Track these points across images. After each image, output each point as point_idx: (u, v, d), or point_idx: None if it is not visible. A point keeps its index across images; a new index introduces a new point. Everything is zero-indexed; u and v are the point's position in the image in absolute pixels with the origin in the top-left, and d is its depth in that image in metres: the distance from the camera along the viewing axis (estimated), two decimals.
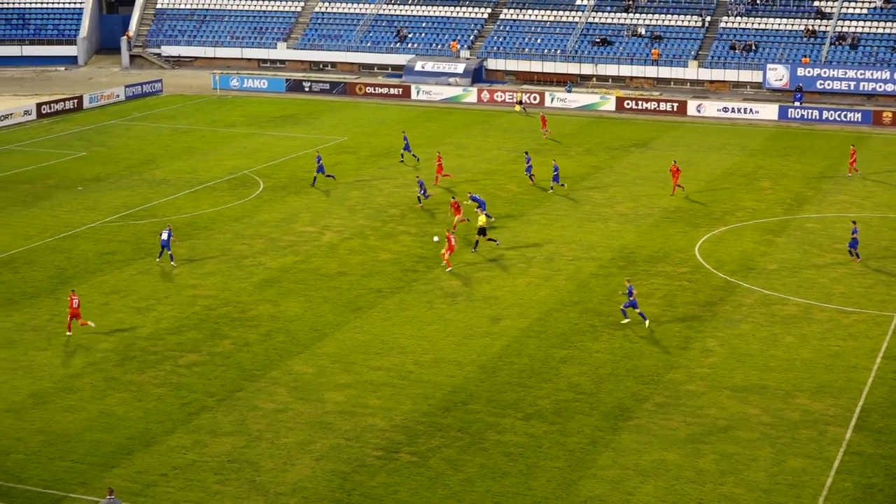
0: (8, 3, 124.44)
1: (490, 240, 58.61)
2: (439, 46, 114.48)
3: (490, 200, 67.60)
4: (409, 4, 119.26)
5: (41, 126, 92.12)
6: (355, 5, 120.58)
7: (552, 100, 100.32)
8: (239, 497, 35.36)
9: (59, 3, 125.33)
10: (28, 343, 47.14)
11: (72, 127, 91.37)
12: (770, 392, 42.61)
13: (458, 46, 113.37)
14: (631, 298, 48.72)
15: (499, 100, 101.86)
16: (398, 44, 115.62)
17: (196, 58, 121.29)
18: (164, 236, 56.33)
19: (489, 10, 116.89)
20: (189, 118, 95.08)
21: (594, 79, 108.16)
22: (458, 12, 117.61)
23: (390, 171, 75.72)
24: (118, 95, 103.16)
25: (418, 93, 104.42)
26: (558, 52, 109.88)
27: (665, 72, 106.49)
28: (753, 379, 43.74)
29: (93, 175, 75.00)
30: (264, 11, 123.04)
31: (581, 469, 37.04)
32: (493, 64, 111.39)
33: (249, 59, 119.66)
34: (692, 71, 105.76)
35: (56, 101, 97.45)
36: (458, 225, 61.41)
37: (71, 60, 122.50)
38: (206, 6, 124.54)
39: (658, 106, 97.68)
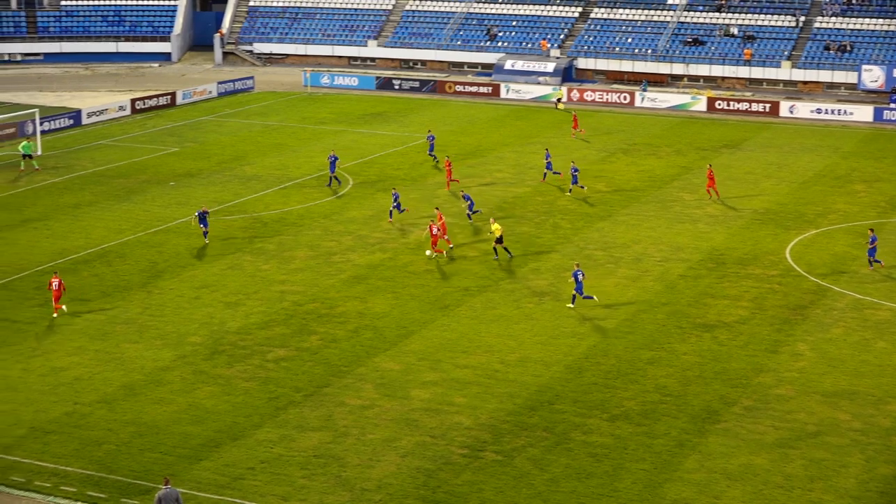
0: (105, 1, 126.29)
1: (505, 249, 57.69)
2: (529, 45, 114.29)
3: (578, 200, 67.44)
4: (500, 3, 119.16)
5: (135, 121, 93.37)
6: (446, 3, 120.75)
7: (642, 100, 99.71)
8: (324, 492, 35.58)
9: (154, 0, 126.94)
10: (120, 335, 47.81)
11: (165, 123, 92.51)
12: (861, 398, 42.00)
13: (549, 45, 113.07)
14: (579, 281, 50.08)
15: (588, 99, 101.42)
16: (488, 42, 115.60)
17: (287, 55, 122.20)
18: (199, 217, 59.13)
19: (580, 9, 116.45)
20: (280, 115, 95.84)
21: (685, 79, 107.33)
22: (548, 11, 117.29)
23: (478, 169, 75.73)
24: (210, 92, 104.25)
25: (508, 91, 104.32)
26: (649, 51, 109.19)
27: (757, 72, 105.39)
28: (844, 384, 43.14)
29: (185, 170, 75.89)
30: (355, 9, 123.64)
31: (667, 472, 36.78)
32: (583, 63, 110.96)
33: (340, 57, 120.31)
34: (785, 71, 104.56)
35: (150, 97, 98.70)
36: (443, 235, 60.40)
37: (165, 57, 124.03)
38: (298, 4, 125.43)
39: (750, 107, 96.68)
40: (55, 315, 49.94)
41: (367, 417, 40.44)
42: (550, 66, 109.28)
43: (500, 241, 57.19)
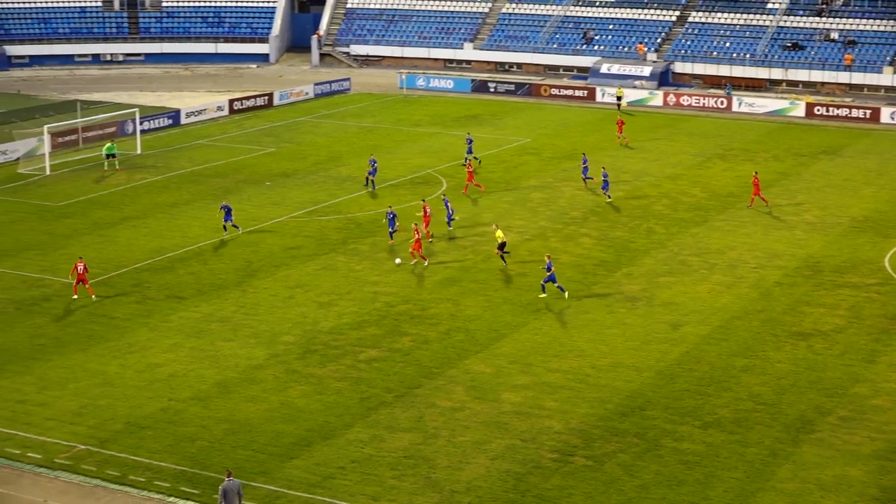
0: (204, 2, 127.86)
1: (502, 255, 56.95)
2: (626, 49, 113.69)
3: (672, 205, 67.01)
4: (597, 6, 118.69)
5: (233, 122, 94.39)
6: (542, 6, 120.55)
7: (739, 104, 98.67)
8: (414, 493, 35.68)
9: (253, 1, 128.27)
10: (215, 333, 48.35)
11: (262, 123, 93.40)
12: None
13: (645, 49, 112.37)
14: (549, 273, 51.33)
15: (685, 104, 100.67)
16: (584, 46, 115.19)
17: (384, 57, 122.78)
18: (224, 212, 60.85)
19: (677, 13, 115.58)
20: (375, 117, 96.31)
21: (784, 84, 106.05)
22: (646, 14, 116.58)
23: (573, 173, 75.46)
24: (307, 93, 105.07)
25: (603, 95, 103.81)
26: (747, 55, 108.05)
27: (858, 78, 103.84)
28: None
29: (280, 171, 76.54)
30: (452, 12, 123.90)
31: (760, 481, 36.36)
32: (680, 67, 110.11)
33: (436, 59, 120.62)
34: (887, 77, 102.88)
35: (247, 98, 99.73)
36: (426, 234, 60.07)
37: (263, 58, 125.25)
38: (394, 6, 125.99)
39: (850, 112, 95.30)
40: (75, 297, 51.85)
41: (457, 419, 40.49)
42: (647, 70, 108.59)
43: (501, 247, 56.74)
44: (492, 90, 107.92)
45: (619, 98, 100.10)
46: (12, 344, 47.04)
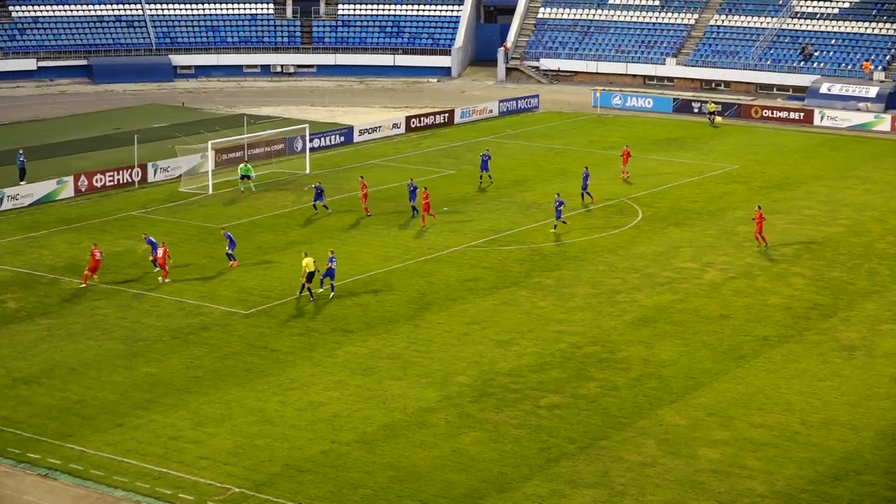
0: (383, 11, 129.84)
1: (309, 289, 56.64)
2: (849, 67, 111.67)
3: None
4: (817, 18, 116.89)
5: (409, 140, 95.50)
6: (755, 18, 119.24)
7: None
8: None
9: (436, 10, 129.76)
10: (383, 371, 48.81)
11: (441, 143, 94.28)
12: None
13: (872, 67, 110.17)
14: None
15: None
16: (802, 63, 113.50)
17: (576, 72, 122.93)
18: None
19: None
20: (565, 138, 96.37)
21: None
22: (873, 28, 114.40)
23: (784, 204, 74.31)
24: (491, 111, 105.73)
25: (822, 118, 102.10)
26: None
27: None
28: None
29: (460, 195, 77.06)
30: (653, 24, 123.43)
31: None
32: None
33: (634, 76, 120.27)
34: None
35: (426, 115, 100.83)
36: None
37: (444, 72, 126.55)
38: (590, 17, 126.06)
39: None
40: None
41: (647, 476, 40.09)
42: (873, 91, 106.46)
43: (309, 278, 56.44)
44: (696, 111, 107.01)
45: (711, 113, 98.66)
46: (167, 375, 48.25)
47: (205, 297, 57.37)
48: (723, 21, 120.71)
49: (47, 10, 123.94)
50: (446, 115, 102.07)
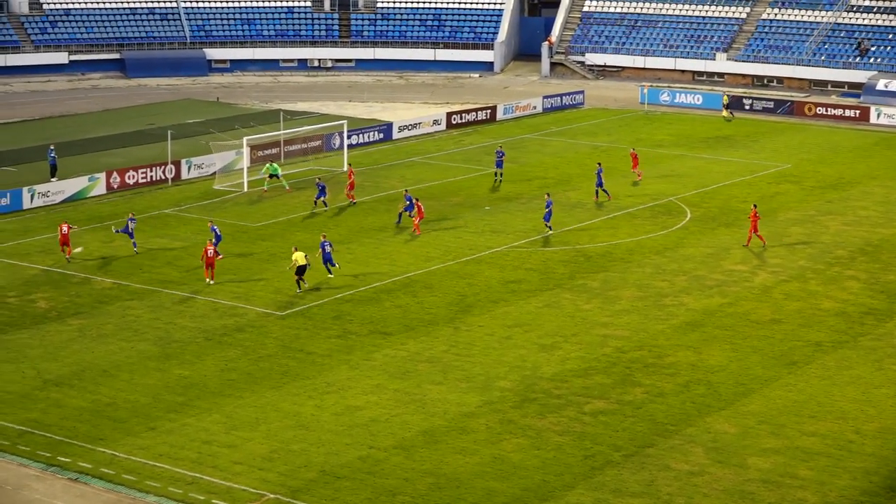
0: (423, 3, 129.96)
1: (299, 280, 57.94)
2: None
3: None
4: (874, 12, 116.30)
5: (450, 137, 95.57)
6: (809, 12, 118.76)
7: None
8: None
9: (478, 3, 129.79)
10: (422, 375, 48.87)
11: (482, 140, 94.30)
12: None
13: None
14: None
15: None
16: (858, 58, 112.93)
17: (623, 67, 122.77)
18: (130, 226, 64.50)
19: None
20: (611, 135, 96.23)
21: None
22: None
23: (838, 205, 74.01)
24: (535, 107, 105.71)
25: (879, 116, 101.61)
26: None
27: None
28: None
29: (502, 194, 77.10)
30: (703, 18, 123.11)
31: None
32: None
33: (683, 71, 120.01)
34: None
35: (467, 111, 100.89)
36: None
37: (486, 67, 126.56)
38: (637, 10, 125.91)
39: None
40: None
41: (695, 486, 40.01)
42: None
43: (300, 272, 57.69)
44: (747, 108, 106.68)
45: (726, 106, 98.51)
46: (201, 378, 48.46)
47: (239, 298, 57.60)
48: (775, 15, 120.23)
49: (79, 3, 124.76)
50: (488, 111, 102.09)
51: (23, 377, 48.20)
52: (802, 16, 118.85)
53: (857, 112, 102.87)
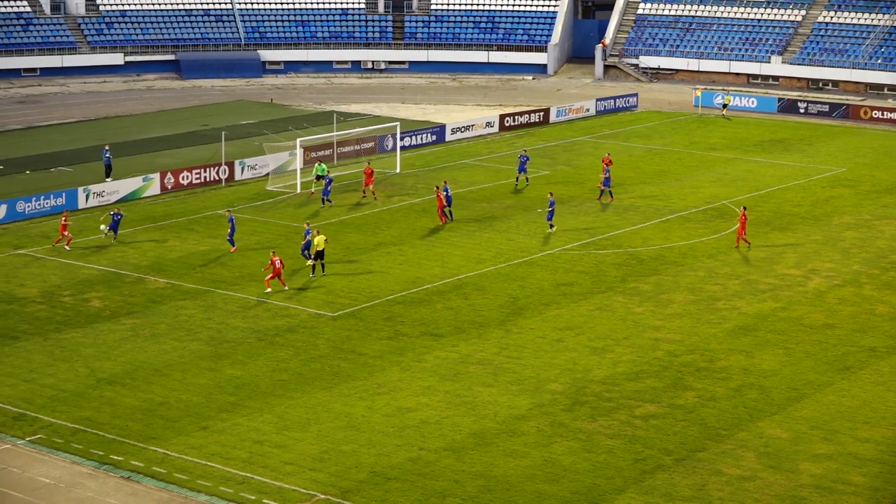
0: (477, 6, 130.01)
1: (321, 265, 58.66)
2: None
3: None
4: None
5: (503, 140, 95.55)
6: (865, 15, 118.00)
7: None
8: None
9: (532, 6, 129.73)
10: (473, 377, 48.90)
11: (535, 142, 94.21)
12: None
13: None
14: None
15: None
16: None
17: (677, 70, 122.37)
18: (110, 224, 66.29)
19: None
20: (664, 138, 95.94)
21: None
22: None
23: (893, 210, 73.52)
24: (588, 110, 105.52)
25: None
26: None
27: None
28: None
29: (555, 196, 76.89)
30: (759, 20, 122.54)
31: None
32: None
33: (738, 74, 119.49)
34: None
35: (520, 114, 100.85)
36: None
37: (539, 69, 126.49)
38: (692, 13, 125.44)
39: None
40: (268, 290, 58.85)
41: (746, 490, 39.85)
42: None
43: (319, 256, 60.07)
44: (802, 111, 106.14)
45: (725, 107, 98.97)
46: (252, 378, 48.68)
47: (291, 299, 57.81)
48: (831, 18, 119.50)
49: (135, 4, 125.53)
50: (541, 113, 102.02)
51: (76, 376, 48.59)
52: (859, 19, 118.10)
53: None
